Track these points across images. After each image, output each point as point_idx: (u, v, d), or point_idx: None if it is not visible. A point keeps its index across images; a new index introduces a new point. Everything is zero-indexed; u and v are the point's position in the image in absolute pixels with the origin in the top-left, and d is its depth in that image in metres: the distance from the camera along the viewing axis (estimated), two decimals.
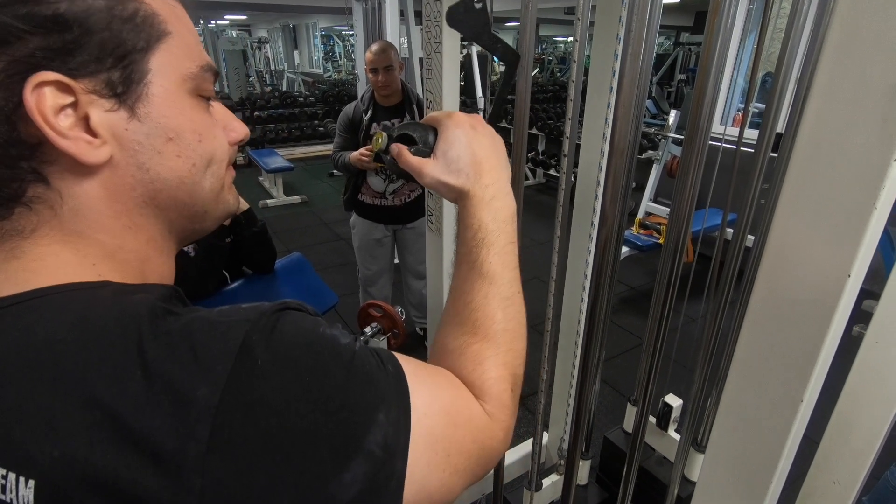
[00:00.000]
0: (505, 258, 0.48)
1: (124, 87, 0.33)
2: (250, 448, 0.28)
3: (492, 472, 1.44)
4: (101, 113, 0.32)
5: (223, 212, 0.42)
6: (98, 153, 0.32)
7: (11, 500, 0.27)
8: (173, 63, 0.35)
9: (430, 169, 0.51)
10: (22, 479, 0.27)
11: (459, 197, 0.50)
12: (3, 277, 0.32)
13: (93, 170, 0.33)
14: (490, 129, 0.54)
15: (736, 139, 1.20)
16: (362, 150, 2.04)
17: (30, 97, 0.29)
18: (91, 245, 0.34)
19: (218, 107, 0.41)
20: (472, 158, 0.50)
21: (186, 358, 0.29)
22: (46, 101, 0.30)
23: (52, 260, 0.33)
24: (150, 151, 0.34)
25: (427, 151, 0.53)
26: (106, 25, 0.31)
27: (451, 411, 0.39)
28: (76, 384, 0.27)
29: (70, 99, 0.31)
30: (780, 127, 1.08)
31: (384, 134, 0.56)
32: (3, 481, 0.27)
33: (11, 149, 0.30)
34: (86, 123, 0.32)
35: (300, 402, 0.30)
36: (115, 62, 0.32)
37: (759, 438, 0.64)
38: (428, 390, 0.38)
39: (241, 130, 0.42)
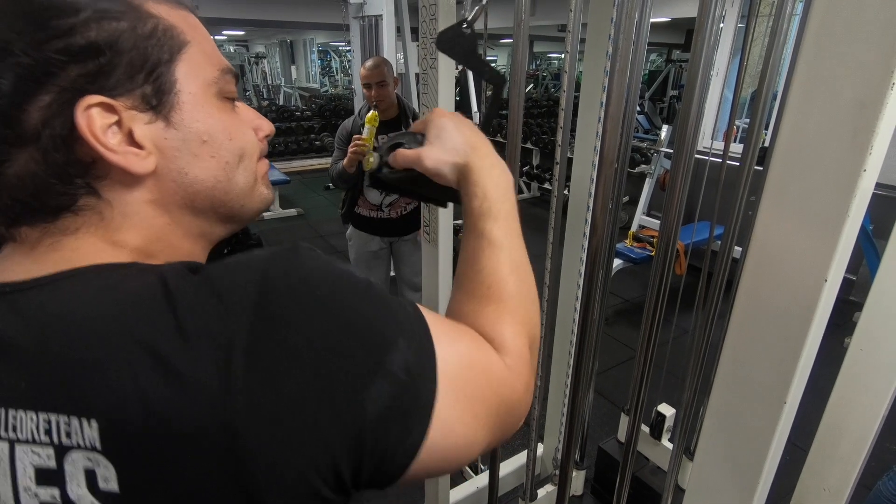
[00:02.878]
0: (510, 223, 0.50)
1: (157, 100, 0.36)
2: (283, 369, 0.31)
3: (486, 483, 1.44)
4: (143, 126, 0.35)
5: (260, 202, 0.44)
6: (146, 163, 0.35)
7: (78, 442, 0.29)
8: (196, 70, 0.38)
9: (427, 153, 0.54)
10: (85, 420, 0.29)
11: (461, 172, 0.53)
12: (45, 266, 0.34)
13: (140, 179, 0.36)
14: (471, 122, 0.57)
15: (722, 154, 1.23)
16: (354, 139, 2.05)
17: (81, 120, 0.32)
18: (132, 238, 0.37)
19: (242, 107, 0.44)
20: (463, 136, 0.54)
21: (212, 298, 0.31)
22: (95, 122, 0.33)
23: (88, 249, 0.35)
24: (187, 156, 0.37)
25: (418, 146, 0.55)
26: (133, 45, 0.34)
27: (471, 358, 0.40)
28: (119, 333, 0.30)
29: (114, 117, 0.34)
30: (766, 142, 1.12)
31: (375, 154, 0.58)
32: (68, 427, 0.29)
33: (69, 168, 0.34)
34: (131, 138, 0.35)
35: (323, 323, 0.32)
36: (146, 77, 0.35)
37: (746, 440, 0.66)
38: (447, 336, 0.39)
39: (266, 126, 0.45)
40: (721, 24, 3.67)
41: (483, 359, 0.41)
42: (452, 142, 0.53)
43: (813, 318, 0.54)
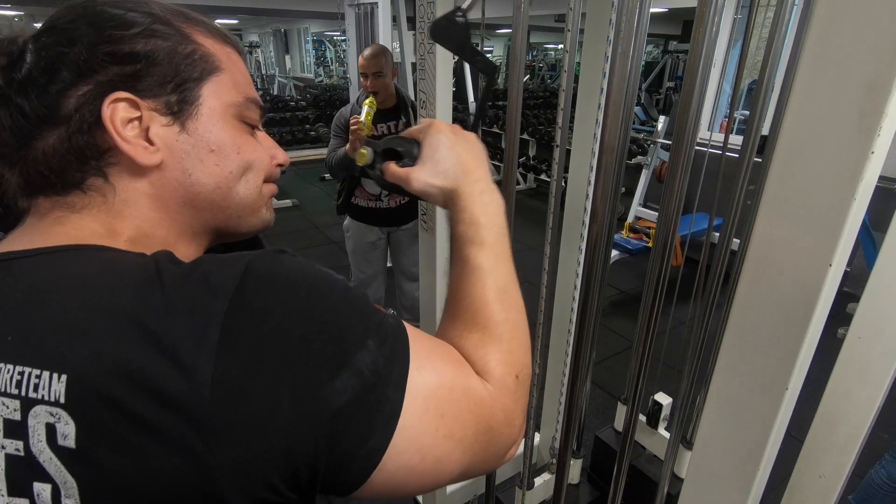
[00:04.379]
0: (498, 250, 0.50)
1: (179, 108, 0.41)
2: (254, 347, 0.33)
3: None
4: (159, 127, 0.40)
5: (259, 222, 0.48)
6: (152, 157, 0.40)
7: (43, 395, 0.31)
8: (221, 92, 0.43)
9: (416, 174, 0.53)
10: (55, 375, 0.31)
11: (449, 197, 0.53)
12: (48, 238, 0.38)
13: (145, 171, 0.40)
14: (470, 135, 0.56)
15: (722, 145, 1.23)
16: (352, 119, 2.03)
17: (106, 109, 0.38)
18: (127, 227, 0.40)
19: (263, 135, 0.49)
20: (456, 159, 0.53)
21: (199, 281, 0.34)
22: (118, 113, 0.38)
23: (88, 231, 0.39)
24: (194, 159, 0.42)
25: (411, 163, 0.55)
26: (169, 61, 0.40)
27: (448, 376, 0.40)
28: (105, 300, 0.33)
29: (137, 114, 0.39)
30: (764, 131, 1.12)
31: (369, 149, 0.57)
32: (37, 380, 0.31)
33: (86, 150, 0.39)
34: (146, 134, 0.40)
35: (297, 313, 0.35)
36: (175, 88, 0.40)
37: (746, 428, 0.66)
38: (426, 352, 0.40)
39: (281, 156, 0.51)
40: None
41: (462, 379, 0.41)
42: (444, 164, 0.53)
43: (817, 303, 0.54)
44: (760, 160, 1.08)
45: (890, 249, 0.83)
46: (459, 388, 0.40)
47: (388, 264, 2.63)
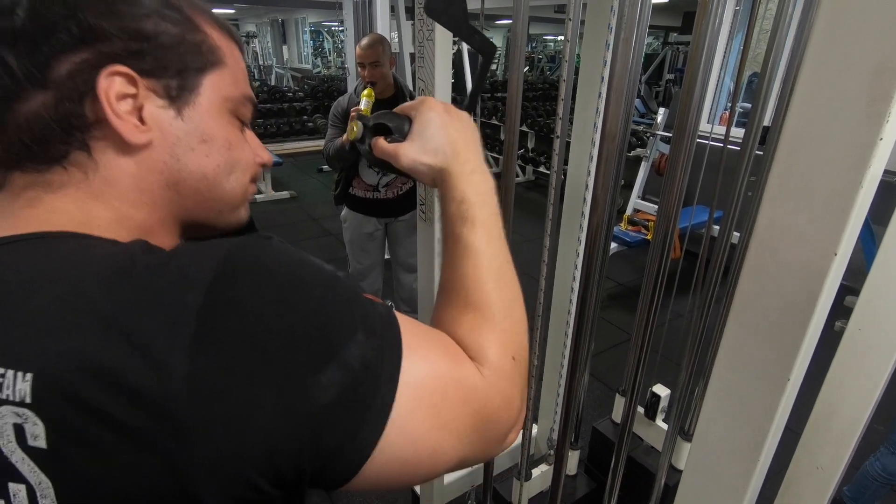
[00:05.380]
0: (490, 229, 0.49)
1: (177, 93, 0.40)
2: (231, 343, 0.31)
3: (481, 463, 1.46)
4: (153, 108, 0.39)
5: (235, 220, 0.47)
6: (141, 137, 0.39)
7: (8, 395, 0.29)
8: (220, 85, 0.43)
9: (405, 150, 0.52)
10: (20, 374, 0.29)
11: (438, 175, 0.51)
12: (18, 223, 0.36)
13: (132, 150, 0.39)
14: (463, 114, 0.55)
15: (723, 137, 1.22)
16: (352, 110, 2.03)
17: (103, 81, 0.36)
18: (104, 210, 0.39)
19: (251, 134, 0.48)
20: (447, 138, 0.52)
21: (174, 272, 0.32)
22: (114, 87, 0.37)
23: (62, 215, 0.37)
24: (184, 146, 0.41)
25: (401, 139, 0.53)
26: (176, 46, 0.39)
27: (441, 366, 0.39)
28: (74, 293, 0.31)
29: (133, 90, 0.38)
30: (766, 122, 1.11)
31: (359, 123, 0.56)
32: (2, 379, 0.30)
33: (73, 119, 0.37)
34: (139, 113, 0.39)
35: (280, 304, 0.33)
36: (176, 73, 0.40)
37: (747, 419, 0.66)
38: (418, 343, 0.38)
39: (265, 156, 0.50)
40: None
41: (455, 368, 0.40)
42: (434, 142, 0.51)
43: (821, 293, 0.53)
44: (762, 153, 1.08)
45: (891, 242, 0.83)
46: (453, 377, 0.39)
47: (387, 256, 2.62)
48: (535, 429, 1.70)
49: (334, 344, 0.34)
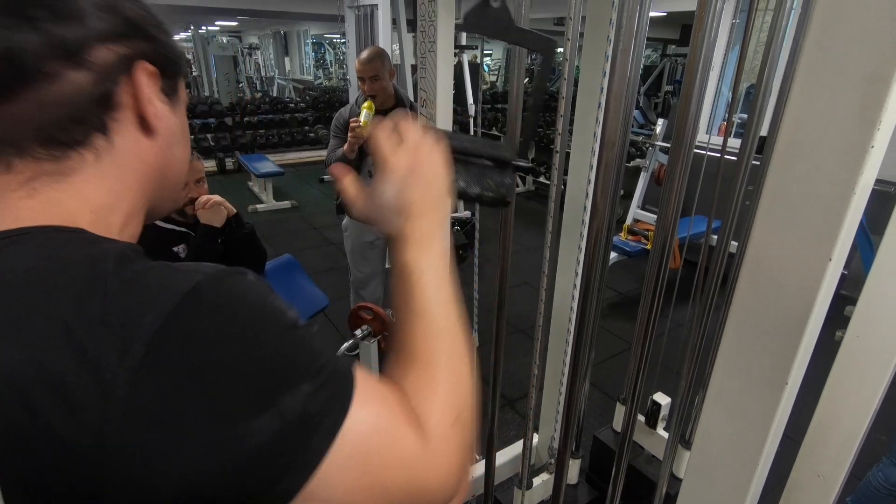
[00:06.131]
0: (438, 293, 0.49)
1: (170, 93, 0.46)
2: (176, 372, 0.32)
3: (482, 472, 1.45)
4: (159, 103, 0.44)
5: (175, 204, 0.54)
6: (158, 123, 0.43)
7: None
8: (183, 89, 0.49)
9: (360, 207, 0.53)
10: None
11: (389, 237, 0.52)
12: (8, 216, 0.38)
13: (146, 135, 0.43)
14: (434, 164, 0.54)
15: (720, 148, 1.24)
16: (351, 122, 2.04)
17: (139, 73, 0.41)
18: (106, 193, 0.41)
19: None
20: (403, 203, 0.51)
21: (142, 292, 0.34)
22: (143, 78, 0.42)
23: (57, 207, 0.39)
24: (175, 139, 0.47)
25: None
26: (172, 51, 0.45)
27: (387, 427, 0.39)
28: (43, 303, 0.33)
29: (154, 84, 0.43)
30: (763, 132, 1.12)
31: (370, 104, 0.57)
32: None
33: (108, 100, 0.40)
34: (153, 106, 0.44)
35: (231, 342, 0.34)
36: (171, 75, 0.45)
37: (746, 425, 0.66)
38: (371, 400, 0.39)
39: None
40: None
41: (399, 431, 0.39)
42: (388, 207, 0.51)
43: (816, 298, 0.54)
44: (759, 162, 1.09)
45: (888, 250, 0.84)
46: (396, 440, 0.39)
47: (387, 265, 2.63)
48: (535, 438, 1.70)
49: (275, 391, 0.34)
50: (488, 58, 13.84)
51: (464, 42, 5.54)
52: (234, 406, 0.33)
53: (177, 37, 13.52)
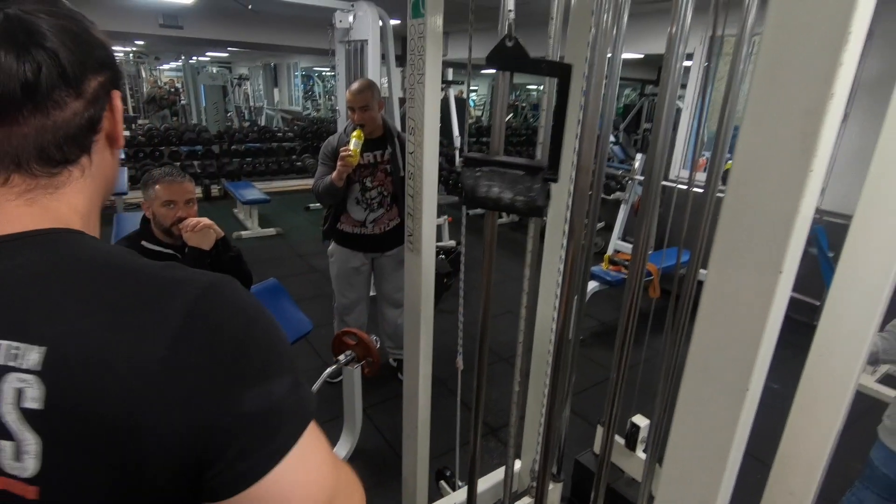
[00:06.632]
0: None
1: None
2: (197, 343, 0.39)
3: (464, 499, 1.45)
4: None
5: None
6: (121, 140, 0.51)
7: (20, 364, 0.37)
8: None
9: None
10: (35, 347, 0.37)
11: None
12: (17, 221, 0.43)
13: (113, 150, 0.50)
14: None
15: (696, 183, 1.32)
16: (341, 150, 2.11)
17: (115, 98, 0.48)
18: (85, 202, 0.47)
19: None
20: None
21: (169, 280, 0.42)
22: (118, 103, 0.49)
23: (53, 213, 0.45)
24: (118, 148, 0.52)
25: None
26: (122, 76, 0.51)
27: (327, 450, 0.45)
28: (82, 284, 0.40)
29: (121, 108, 0.50)
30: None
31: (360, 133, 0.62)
32: (17, 352, 0.37)
33: (95, 124, 0.46)
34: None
35: (239, 331, 0.42)
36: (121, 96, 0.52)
37: (711, 431, 0.70)
38: (318, 437, 0.45)
39: None
40: (689, 63, 3.92)
41: (336, 460, 0.47)
42: None
43: (770, 308, 0.60)
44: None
45: (842, 274, 0.91)
46: (333, 459, 0.46)
47: (372, 293, 2.65)
48: (517, 464, 1.70)
49: (271, 373, 0.42)
50: (474, 93, 14.24)
51: (450, 77, 5.71)
52: (238, 373, 0.40)
53: (167, 66, 13.72)
